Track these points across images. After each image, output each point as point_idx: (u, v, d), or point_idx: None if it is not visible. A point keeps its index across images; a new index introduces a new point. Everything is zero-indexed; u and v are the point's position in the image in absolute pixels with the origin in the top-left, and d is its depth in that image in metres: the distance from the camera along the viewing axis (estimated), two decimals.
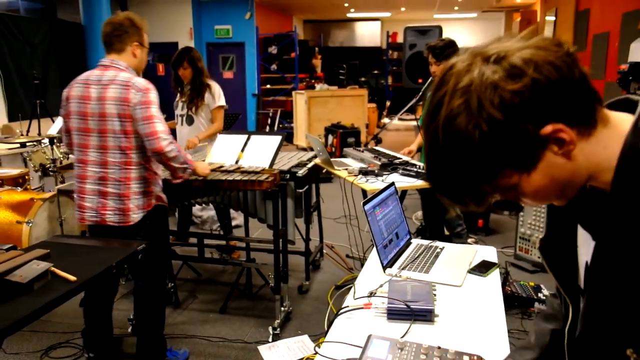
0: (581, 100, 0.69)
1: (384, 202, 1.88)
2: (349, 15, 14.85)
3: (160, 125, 2.25)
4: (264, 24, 11.67)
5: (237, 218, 4.89)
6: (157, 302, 2.57)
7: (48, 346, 2.81)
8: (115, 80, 2.26)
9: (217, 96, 3.86)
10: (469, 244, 4.21)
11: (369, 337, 1.27)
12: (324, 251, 4.21)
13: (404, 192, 3.41)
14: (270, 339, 2.91)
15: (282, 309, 3.08)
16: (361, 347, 1.26)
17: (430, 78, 3.49)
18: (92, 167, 2.31)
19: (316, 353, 1.32)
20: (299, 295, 3.51)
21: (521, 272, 3.88)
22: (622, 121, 0.73)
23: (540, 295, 3.31)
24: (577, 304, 0.91)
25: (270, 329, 2.95)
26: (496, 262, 1.86)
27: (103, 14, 8.63)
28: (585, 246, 0.84)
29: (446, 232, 3.79)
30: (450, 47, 3.38)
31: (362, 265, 3.98)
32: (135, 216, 2.32)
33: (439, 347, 1.21)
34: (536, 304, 3.23)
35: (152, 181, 2.39)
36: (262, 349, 2.82)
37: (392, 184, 2.03)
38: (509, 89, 0.66)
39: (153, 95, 2.27)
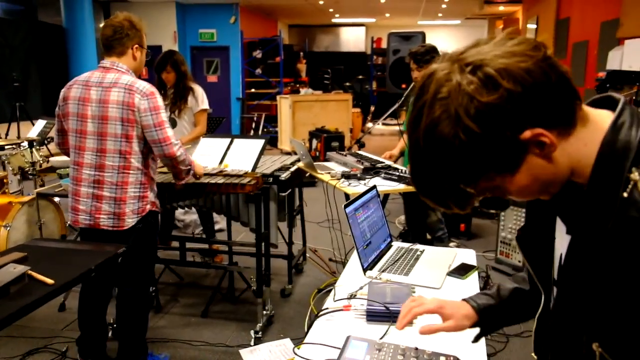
0: (559, 102, 0.70)
1: (366, 205, 1.90)
2: (334, 20, 14.93)
3: (170, 130, 2.27)
4: (249, 28, 11.67)
5: (220, 222, 4.87)
6: (142, 307, 2.55)
7: (26, 351, 2.77)
8: (118, 83, 2.24)
9: (200, 99, 3.85)
10: (451, 247, 4.25)
11: (348, 338, 1.28)
12: (307, 255, 4.21)
13: (386, 196, 3.44)
14: (252, 343, 2.90)
15: (264, 312, 3.07)
16: (340, 349, 1.27)
17: (413, 83, 3.53)
18: (88, 169, 2.29)
19: (296, 355, 1.33)
20: (281, 298, 3.51)
21: (502, 276, 3.93)
22: (602, 119, 0.75)
23: None
24: (549, 293, 0.93)
25: (252, 332, 2.94)
26: (475, 264, 1.89)
27: (85, 16, 8.56)
28: (562, 238, 0.85)
29: (428, 237, 3.83)
30: (431, 53, 3.42)
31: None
32: (130, 221, 2.31)
33: (417, 348, 1.23)
34: None
35: (148, 186, 2.38)
36: (244, 352, 2.81)
37: (374, 187, 2.05)
38: (484, 100, 0.67)
39: (159, 100, 2.27)
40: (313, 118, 8.77)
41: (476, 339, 1.20)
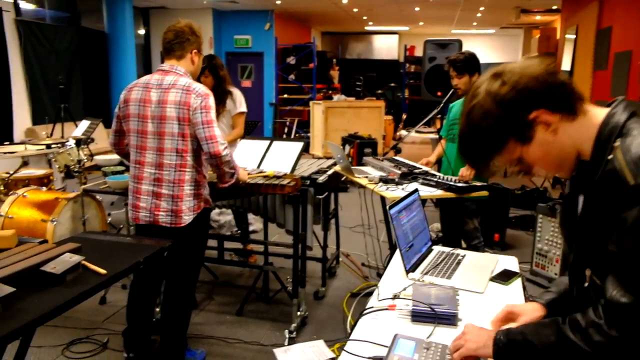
0: (558, 96, 1.01)
1: (409, 208, 1.91)
2: (367, 28, 14.96)
3: (218, 130, 2.33)
4: (283, 34, 11.81)
5: (254, 223, 4.94)
6: (186, 303, 2.61)
7: (69, 341, 2.86)
8: (176, 84, 2.33)
9: (238, 102, 3.92)
10: None
11: (395, 336, 1.29)
12: (340, 259, 4.22)
13: (422, 203, 3.42)
14: (286, 343, 2.93)
15: (299, 313, 3.10)
16: (386, 347, 1.28)
17: (452, 90, 3.50)
18: (149, 168, 2.37)
19: (344, 351, 1.34)
20: (314, 301, 3.53)
21: (537, 288, 3.86)
22: (601, 112, 1.04)
23: None
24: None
25: (286, 332, 2.97)
26: (518, 271, 1.87)
27: (126, 22, 8.84)
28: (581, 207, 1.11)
29: (463, 245, 3.78)
30: (471, 61, 3.39)
31: (378, 274, 4.02)
32: (187, 218, 2.38)
33: None
34: None
35: (202, 184, 2.45)
36: (278, 352, 2.84)
37: (416, 190, 2.05)
38: (502, 92, 1.01)
39: (212, 101, 2.35)
40: (345, 124, 8.79)
41: None
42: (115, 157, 3.77)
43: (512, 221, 5.46)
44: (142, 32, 11.22)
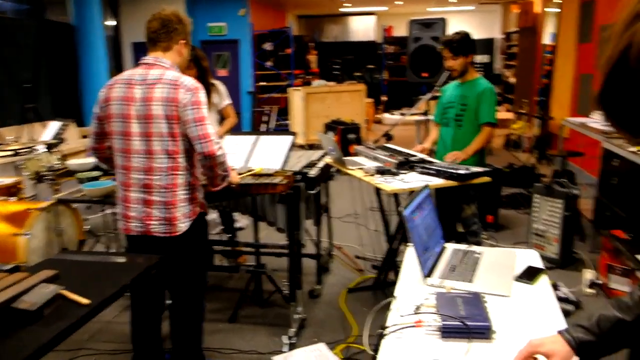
0: None
1: (420, 206, 1.74)
2: (342, 9, 14.66)
3: (211, 128, 2.09)
4: (259, 20, 11.46)
5: (240, 220, 4.74)
6: (197, 317, 2.41)
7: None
8: (162, 79, 2.09)
9: (224, 95, 3.76)
10: (484, 240, 4.09)
11: None
12: (333, 252, 4.07)
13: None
14: (285, 349, 2.77)
15: (296, 316, 2.93)
16: None
17: (447, 72, 3.34)
18: (136, 173, 2.13)
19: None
20: (310, 299, 3.37)
21: None
22: None
23: (558, 293, 3.19)
24: None
25: (285, 338, 2.81)
26: (542, 267, 1.73)
27: (94, 13, 8.41)
28: None
29: (460, 230, 3.67)
30: (467, 41, 3.23)
31: (373, 266, 3.87)
32: (182, 225, 2.16)
33: None
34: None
35: (196, 187, 2.23)
36: (278, 359, 2.68)
37: (426, 186, 1.89)
38: None
39: (202, 95, 2.11)
40: (326, 110, 8.59)
41: None
42: (89, 160, 3.50)
43: (502, 201, 5.38)
44: (111, 23, 10.75)
